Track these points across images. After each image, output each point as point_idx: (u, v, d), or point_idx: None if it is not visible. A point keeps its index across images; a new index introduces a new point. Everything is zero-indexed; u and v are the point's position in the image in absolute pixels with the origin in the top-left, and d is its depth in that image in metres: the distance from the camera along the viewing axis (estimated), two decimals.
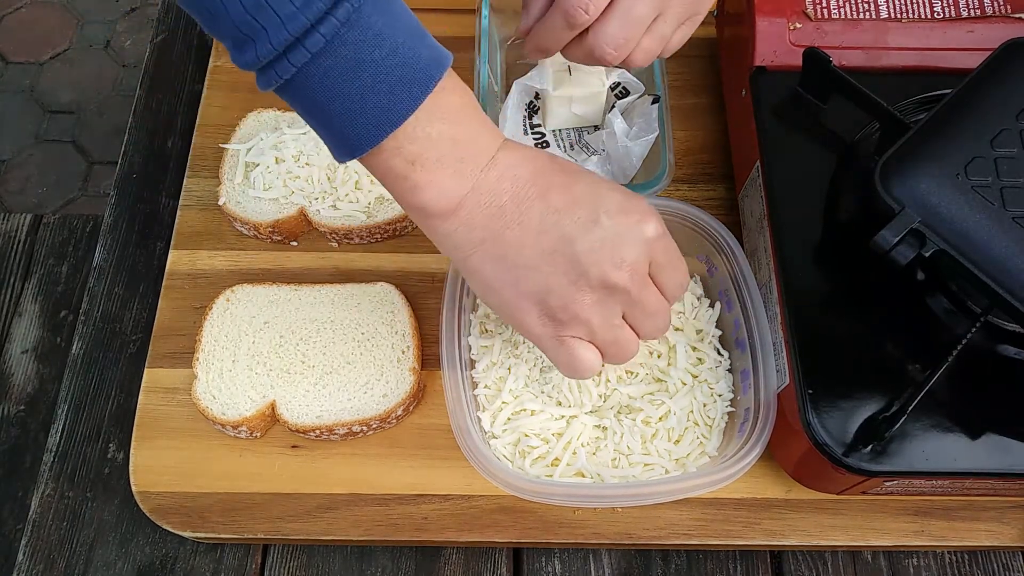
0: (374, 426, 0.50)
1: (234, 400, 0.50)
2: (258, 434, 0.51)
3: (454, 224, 0.41)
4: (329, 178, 0.57)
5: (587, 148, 0.60)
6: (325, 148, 0.56)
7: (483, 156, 0.40)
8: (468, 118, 0.40)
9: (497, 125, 0.59)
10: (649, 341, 0.50)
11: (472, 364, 0.52)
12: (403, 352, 0.52)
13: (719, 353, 0.52)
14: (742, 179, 0.56)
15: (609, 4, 0.45)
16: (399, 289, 0.54)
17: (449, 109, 0.39)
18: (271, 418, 0.51)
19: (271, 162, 0.57)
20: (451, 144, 0.39)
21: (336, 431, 0.50)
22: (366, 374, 0.51)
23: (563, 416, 0.50)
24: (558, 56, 0.58)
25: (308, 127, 0.58)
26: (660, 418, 0.50)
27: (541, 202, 0.41)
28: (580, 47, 0.47)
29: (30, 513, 0.52)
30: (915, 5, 0.54)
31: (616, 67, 0.50)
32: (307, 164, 0.57)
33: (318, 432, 0.50)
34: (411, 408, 0.52)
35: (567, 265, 0.40)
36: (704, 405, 0.50)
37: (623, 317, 0.42)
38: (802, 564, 0.51)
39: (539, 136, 0.60)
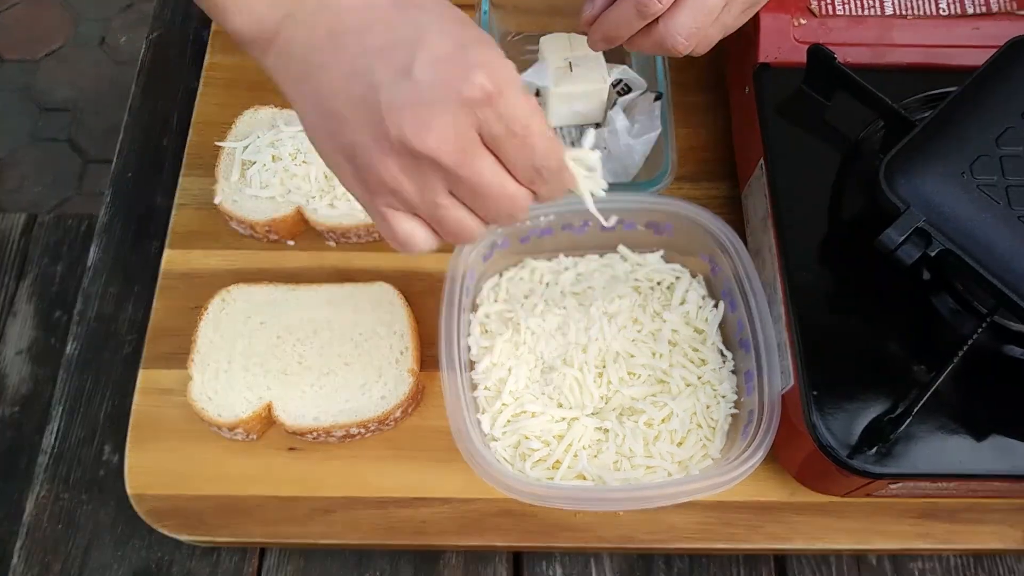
0: (372, 428, 0.50)
1: (230, 401, 0.49)
2: (254, 436, 0.50)
3: (271, 57, 0.37)
4: (327, 176, 0.56)
5: None
6: None
7: None
8: None
9: None
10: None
11: (472, 365, 0.52)
12: (401, 353, 0.51)
13: (723, 354, 0.52)
14: (746, 177, 0.55)
15: None
16: (398, 289, 0.53)
17: None
18: (268, 420, 0.50)
19: (268, 160, 0.56)
20: None
21: (333, 433, 0.49)
22: (364, 375, 0.51)
23: (564, 418, 0.49)
24: (560, 52, 0.58)
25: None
26: (663, 420, 0.49)
27: (357, 40, 0.35)
28: (648, 37, 0.44)
29: (25, 515, 0.51)
30: (920, 1, 0.53)
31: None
32: (304, 162, 0.56)
33: (315, 434, 0.49)
34: (410, 410, 0.51)
35: (370, 120, 0.34)
36: (707, 407, 0.50)
37: (453, 194, 0.36)
38: (806, 568, 0.51)
39: None
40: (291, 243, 0.57)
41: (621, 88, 0.60)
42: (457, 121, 0.34)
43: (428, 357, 0.53)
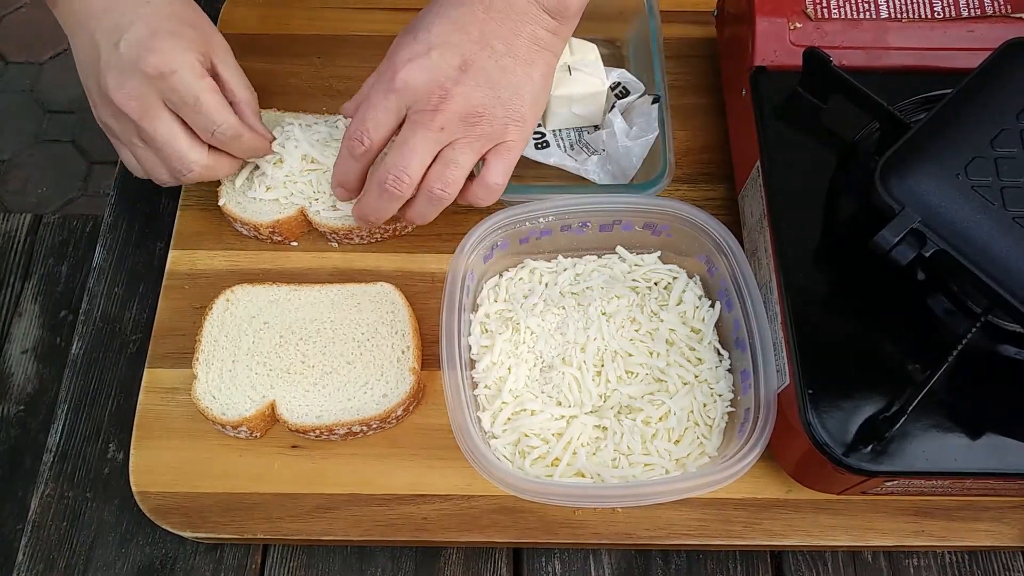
0: (374, 426, 0.50)
1: (234, 400, 0.50)
2: (258, 434, 0.51)
3: (56, 10, 0.49)
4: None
5: (587, 148, 0.60)
6: (326, 148, 0.56)
7: None
8: None
9: None
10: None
11: (472, 364, 0.52)
12: (403, 352, 0.52)
13: (719, 353, 0.52)
14: (742, 179, 0.56)
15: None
16: (399, 289, 0.54)
17: None
18: (271, 418, 0.51)
19: (271, 164, 0.57)
20: None
21: (336, 431, 0.50)
22: (366, 374, 0.51)
23: (563, 416, 0.50)
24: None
25: (307, 127, 0.58)
26: (660, 418, 0.50)
27: (96, 21, 0.48)
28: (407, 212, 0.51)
29: (30, 513, 0.52)
30: (915, 5, 0.54)
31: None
32: (308, 164, 0.57)
33: (318, 432, 0.50)
34: (411, 408, 0.52)
35: (96, 76, 0.48)
36: (704, 405, 0.50)
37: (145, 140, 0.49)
38: (802, 564, 0.51)
39: (539, 136, 0.60)
40: (294, 244, 0.58)
41: (619, 91, 0.60)
42: (141, 87, 0.47)
43: (429, 356, 0.53)
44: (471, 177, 0.49)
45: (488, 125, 0.47)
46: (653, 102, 0.57)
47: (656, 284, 0.55)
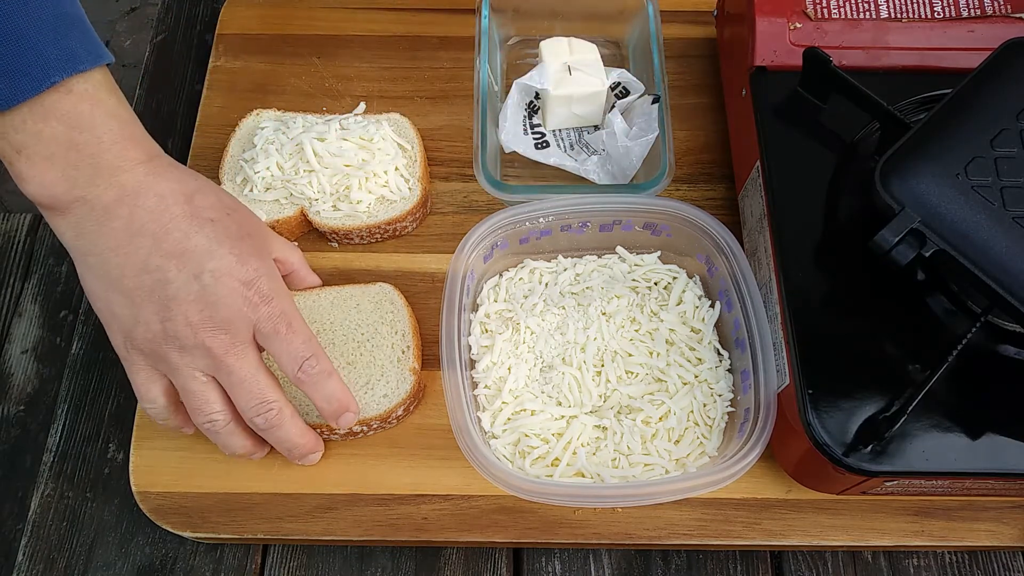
0: (375, 426, 0.50)
1: None
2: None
3: (63, 225, 0.42)
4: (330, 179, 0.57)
5: (587, 148, 0.60)
6: (326, 148, 0.56)
7: (104, 174, 0.40)
8: (99, 129, 0.40)
9: (497, 125, 0.59)
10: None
11: (472, 364, 0.52)
12: (403, 352, 0.52)
13: (719, 353, 0.52)
14: (742, 179, 0.56)
15: None
16: (399, 289, 0.54)
17: (73, 114, 0.39)
18: None
19: (271, 164, 0.57)
20: (66, 148, 0.39)
21: (337, 431, 0.50)
22: (367, 374, 0.51)
23: (563, 416, 0.50)
24: (559, 56, 0.59)
25: (306, 126, 0.58)
26: (660, 418, 0.50)
27: (153, 242, 0.41)
28: None
29: (30, 513, 0.52)
30: (915, 5, 0.54)
31: None
32: (308, 170, 0.57)
33: (319, 431, 0.50)
34: (411, 408, 0.52)
35: (158, 308, 0.41)
36: (704, 405, 0.50)
37: (214, 377, 0.43)
38: (802, 564, 0.51)
39: (539, 136, 0.60)
40: (294, 244, 0.58)
41: (619, 91, 0.60)
42: (231, 320, 0.41)
43: (429, 356, 0.53)
44: None
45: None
46: (653, 102, 0.57)
47: (656, 284, 0.55)
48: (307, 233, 0.58)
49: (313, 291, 0.54)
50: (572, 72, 0.58)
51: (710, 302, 0.53)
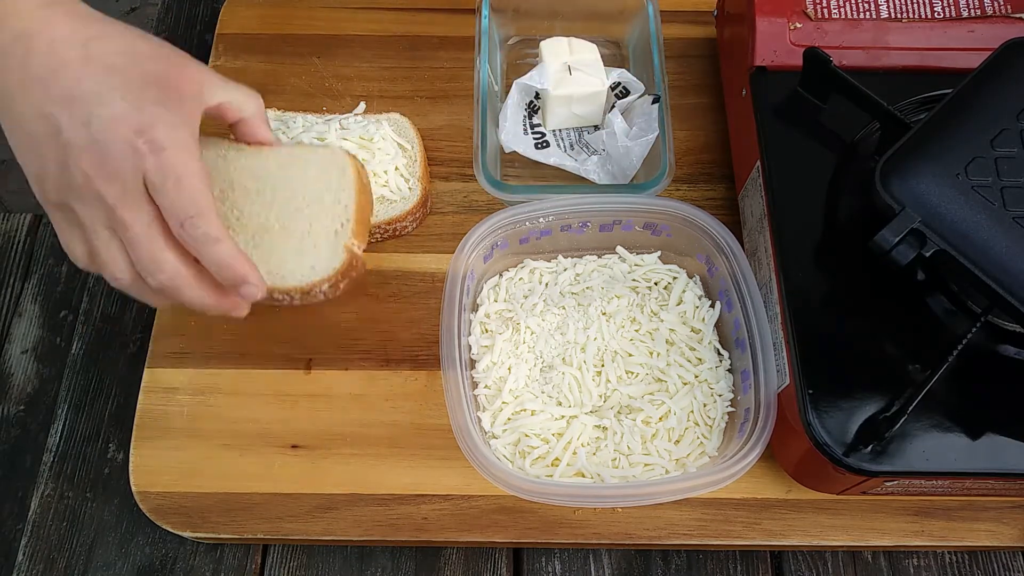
0: (295, 298, 0.47)
1: None
2: None
3: None
4: None
5: (587, 148, 0.60)
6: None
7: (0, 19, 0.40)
8: None
9: (497, 125, 0.59)
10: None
11: (472, 364, 0.52)
12: (342, 225, 0.47)
13: (719, 353, 0.52)
14: (742, 179, 0.56)
15: None
16: (354, 159, 0.49)
17: None
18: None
19: None
20: None
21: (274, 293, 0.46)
22: (299, 241, 0.47)
23: (563, 416, 0.50)
24: (559, 56, 0.59)
25: (306, 126, 0.58)
26: (660, 418, 0.50)
27: (44, 88, 0.40)
28: None
29: (30, 513, 0.52)
30: (915, 5, 0.54)
31: None
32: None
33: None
34: (339, 286, 0.47)
35: (55, 156, 0.40)
36: (704, 405, 0.50)
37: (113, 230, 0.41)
38: (802, 564, 0.51)
39: (539, 136, 0.60)
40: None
41: (619, 91, 0.60)
42: (122, 168, 0.39)
43: (429, 356, 0.53)
44: None
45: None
46: (653, 102, 0.57)
47: (656, 284, 0.55)
48: None
49: (263, 148, 0.49)
50: (572, 72, 0.58)
51: (710, 302, 0.53)
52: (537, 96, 0.61)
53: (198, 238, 0.41)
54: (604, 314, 0.53)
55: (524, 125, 0.60)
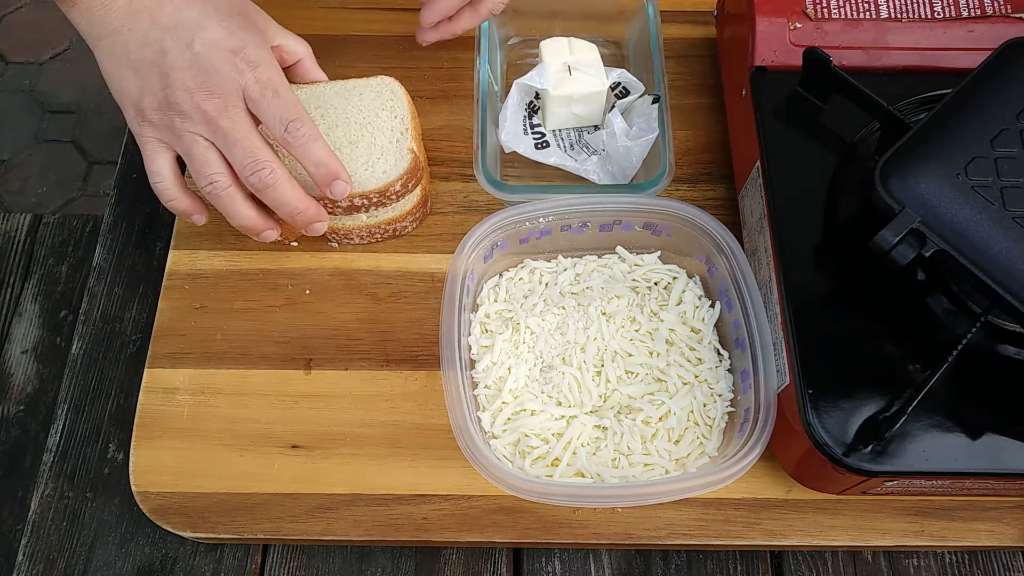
0: (374, 200, 0.53)
1: None
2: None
3: (77, 15, 0.47)
4: None
5: (587, 148, 0.60)
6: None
7: None
8: None
9: (497, 125, 0.59)
10: None
11: (472, 364, 0.52)
12: (402, 134, 0.55)
13: (719, 353, 0.52)
14: (742, 179, 0.56)
15: None
16: (400, 82, 0.57)
17: None
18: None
19: None
20: None
21: (339, 204, 0.52)
22: (367, 153, 0.54)
23: (563, 416, 0.50)
24: (559, 56, 0.59)
25: None
26: (660, 418, 0.50)
27: (150, 17, 0.46)
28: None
29: (30, 513, 0.52)
30: (915, 5, 0.54)
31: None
32: None
33: (323, 203, 0.52)
34: (410, 185, 0.54)
35: (159, 77, 0.46)
36: (704, 405, 0.50)
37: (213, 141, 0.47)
38: (802, 564, 0.51)
39: (539, 136, 0.60)
40: (294, 244, 0.58)
41: (619, 91, 0.60)
42: (224, 81, 0.45)
43: (429, 356, 0.53)
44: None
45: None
46: (653, 102, 0.57)
47: (656, 284, 0.55)
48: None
49: (318, 84, 0.56)
50: (572, 72, 0.58)
51: (710, 302, 0.53)
52: (537, 96, 0.61)
53: (299, 137, 0.47)
54: (604, 314, 0.53)
55: (524, 125, 0.60)
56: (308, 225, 0.50)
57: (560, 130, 0.61)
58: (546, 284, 0.55)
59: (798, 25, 0.53)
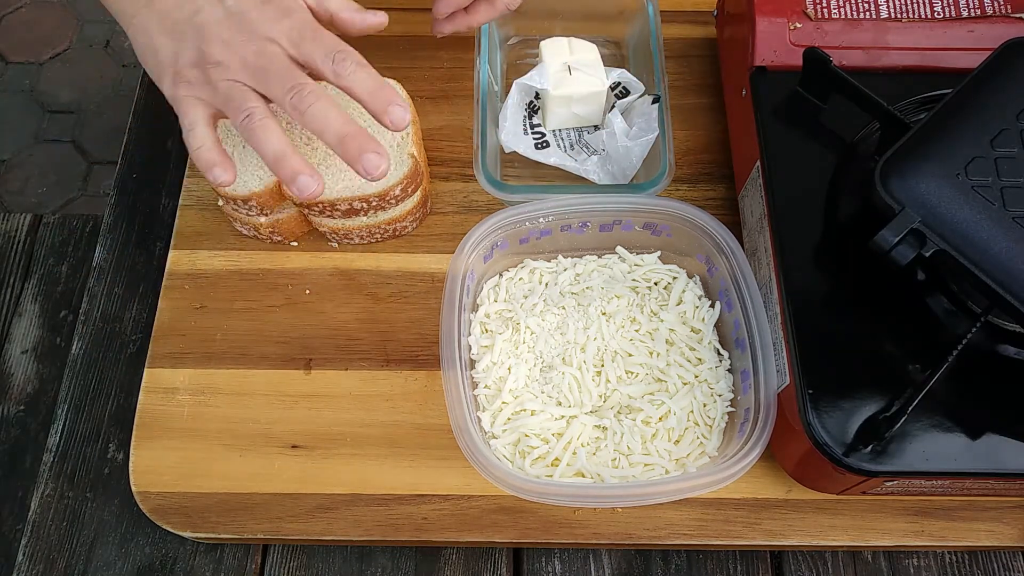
0: (374, 204, 0.53)
1: (244, 177, 0.52)
2: (267, 212, 0.54)
3: None
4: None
5: (587, 148, 0.60)
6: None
7: None
8: None
9: (497, 125, 0.59)
10: None
11: (472, 364, 0.52)
12: (402, 138, 0.54)
13: (719, 353, 0.52)
14: (742, 179, 0.56)
15: None
16: (402, 85, 0.56)
17: None
18: (278, 195, 0.53)
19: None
20: None
21: (338, 207, 0.53)
22: None
23: (563, 416, 0.50)
24: (559, 56, 0.59)
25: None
26: (660, 418, 0.50)
27: None
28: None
29: (30, 513, 0.52)
30: (915, 5, 0.54)
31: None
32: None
33: (321, 207, 0.52)
34: (409, 190, 0.54)
35: (194, 33, 0.46)
36: (704, 405, 0.50)
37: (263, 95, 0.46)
38: (802, 564, 0.51)
39: (539, 136, 0.60)
40: (294, 244, 0.58)
41: (619, 91, 0.60)
42: (259, 29, 0.46)
43: (429, 356, 0.53)
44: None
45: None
46: (653, 102, 0.57)
47: (656, 284, 0.55)
48: (307, 233, 0.58)
49: (322, 83, 0.55)
50: (572, 72, 0.58)
51: (710, 302, 0.53)
52: (537, 96, 0.61)
53: (348, 66, 0.46)
54: (604, 314, 0.53)
55: (524, 125, 0.60)
56: (361, 155, 0.45)
57: (560, 130, 0.61)
58: (546, 284, 0.55)
59: (798, 25, 0.53)
